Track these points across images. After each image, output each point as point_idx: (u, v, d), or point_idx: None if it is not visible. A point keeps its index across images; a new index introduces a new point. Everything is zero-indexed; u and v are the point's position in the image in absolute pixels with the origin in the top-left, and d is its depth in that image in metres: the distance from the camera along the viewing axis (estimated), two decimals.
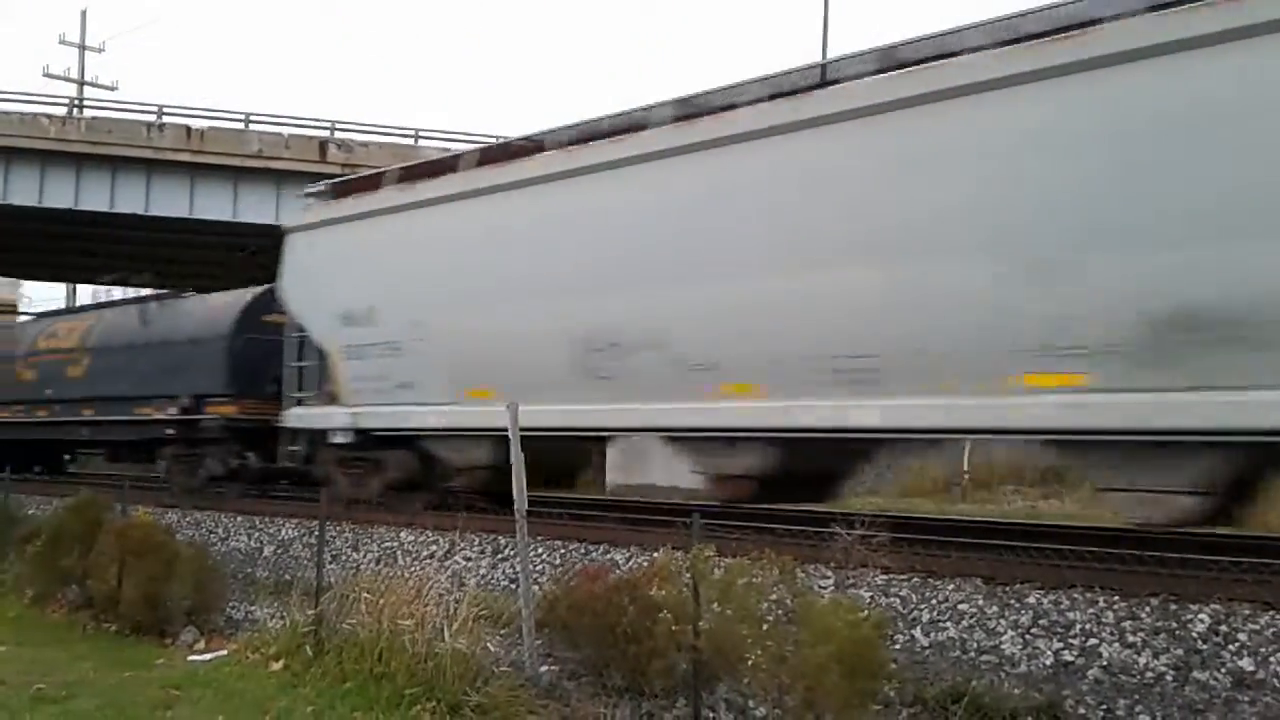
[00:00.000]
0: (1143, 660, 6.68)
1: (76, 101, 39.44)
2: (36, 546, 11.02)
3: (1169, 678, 6.52)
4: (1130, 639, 6.83)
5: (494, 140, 31.85)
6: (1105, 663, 6.76)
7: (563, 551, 10.13)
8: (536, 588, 8.07)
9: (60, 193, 31.38)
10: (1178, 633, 6.76)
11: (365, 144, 31.95)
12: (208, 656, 8.67)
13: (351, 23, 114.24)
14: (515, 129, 50.93)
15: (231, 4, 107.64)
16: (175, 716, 6.91)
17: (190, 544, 11.00)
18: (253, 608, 10.17)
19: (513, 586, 9.16)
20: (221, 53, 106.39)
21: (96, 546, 10.10)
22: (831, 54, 26.12)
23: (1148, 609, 7.00)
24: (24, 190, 31.34)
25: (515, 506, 7.45)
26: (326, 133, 32.38)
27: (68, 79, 43.87)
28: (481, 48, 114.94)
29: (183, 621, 9.53)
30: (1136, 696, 6.41)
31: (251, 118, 32.93)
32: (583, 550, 10.08)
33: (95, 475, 22.00)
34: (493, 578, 10.07)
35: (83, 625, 10.04)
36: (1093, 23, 7.71)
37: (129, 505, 11.10)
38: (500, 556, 10.47)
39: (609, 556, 9.66)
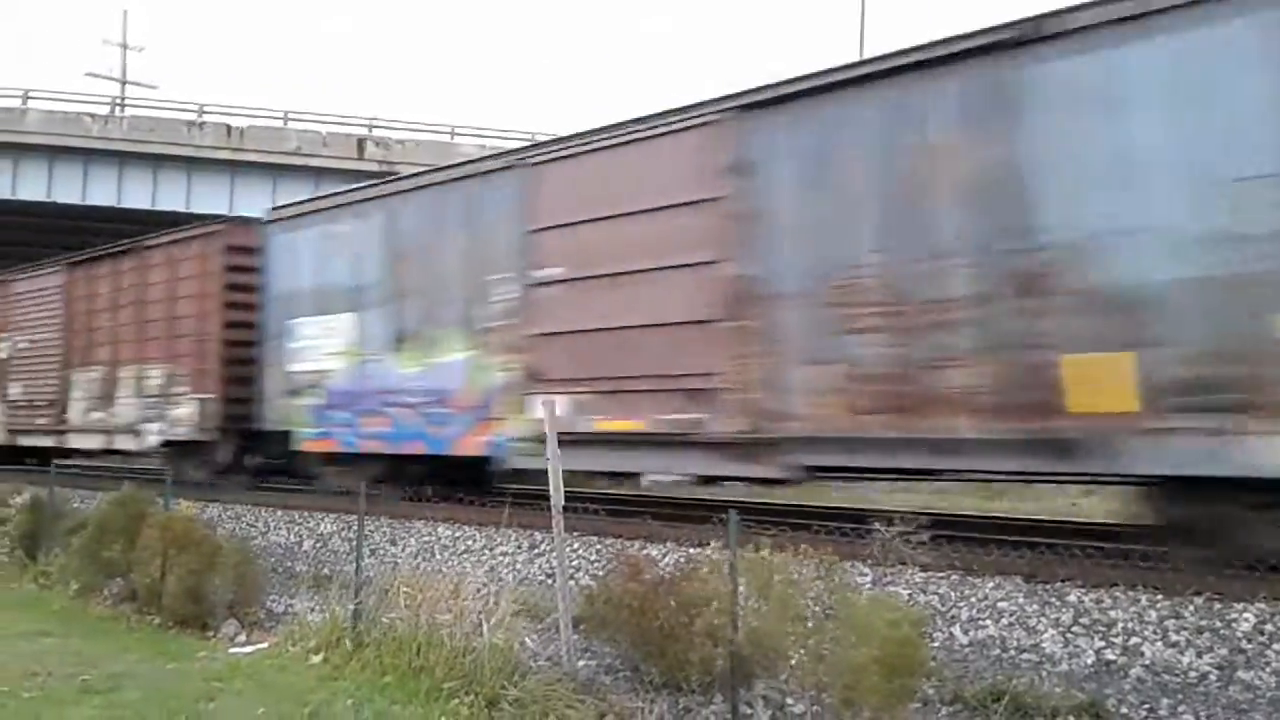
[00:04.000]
0: (1186, 659, 6.61)
1: (118, 100, 39.95)
2: (81, 540, 11.18)
3: (1213, 677, 6.44)
4: (1173, 638, 6.76)
5: (528, 137, 32.07)
6: (1148, 662, 6.69)
7: (599, 547, 10.15)
8: (573, 583, 8.09)
9: (103, 190, 31.88)
10: (1222, 632, 6.68)
11: (402, 141, 32.22)
12: (249, 649, 8.76)
13: (389, 19, 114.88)
14: (551, 125, 51.11)
15: (269, 2, 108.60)
16: (218, 708, 6.98)
17: (231, 538, 11.10)
18: (293, 601, 10.26)
19: (549, 582, 9.19)
20: (260, 50, 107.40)
21: (140, 540, 10.21)
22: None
23: (1191, 608, 6.93)
24: (68, 188, 31.86)
25: (552, 502, 7.48)
26: (364, 130, 32.70)
27: (110, 78, 44.54)
28: (518, 42, 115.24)
29: (224, 614, 9.62)
30: (1180, 696, 6.34)
31: (290, 115, 33.34)
32: (619, 546, 10.09)
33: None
34: (529, 573, 10.11)
35: (127, 618, 10.15)
36: None
37: (171, 499, 11.22)
38: (536, 552, 10.50)
39: (645, 552, 9.66)
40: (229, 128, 32.08)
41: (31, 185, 31.71)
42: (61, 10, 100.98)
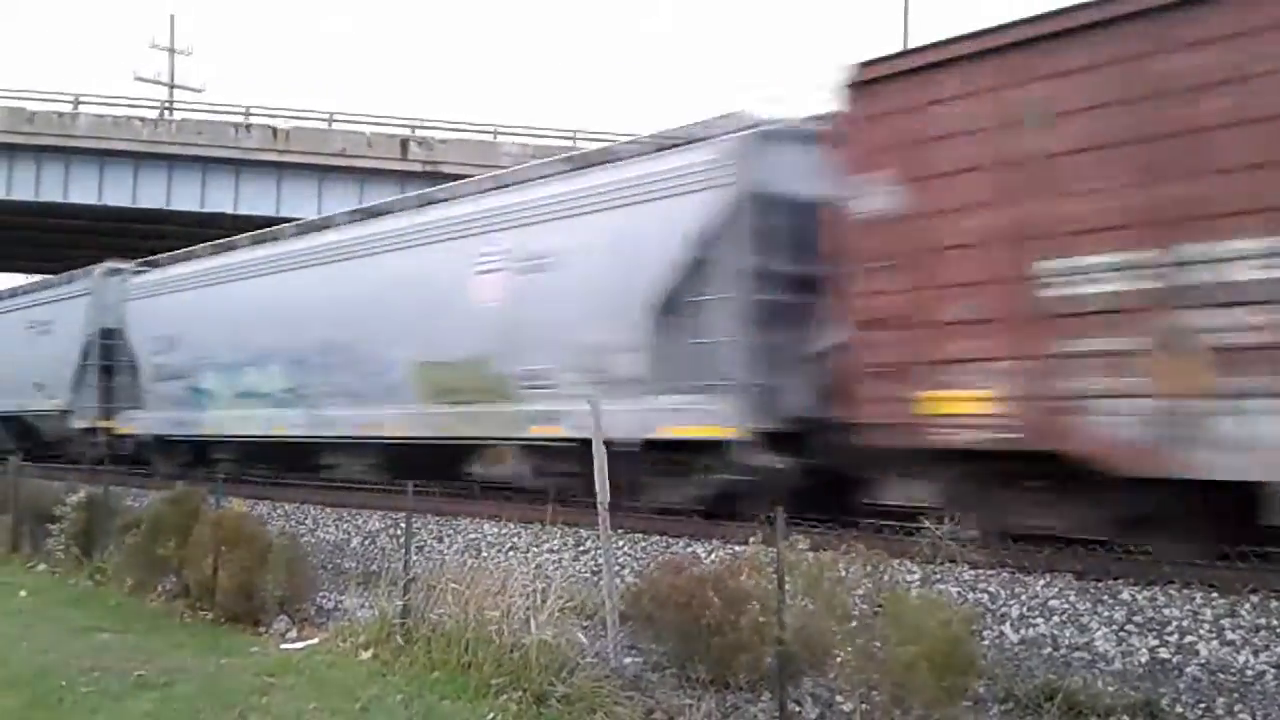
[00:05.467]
0: (1242, 658, 6.50)
1: (167, 104, 40.50)
2: (135, 537, 11.34)
3: (1270, 676, 6.33)
4: (1229, 636, 6.66)
5: (570, 135, 32.07)
6: (1203, 661, 6.59)
7: (644, 544, 10.15)
8: (619, 580, 8.10)
9: (153, 193, 32.33)
10: (1279, 630, 6.57)
11: (445, 141, 32.37)
12: (300, 645, 8.84)
13: (432, 18, 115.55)
14: (592, 123, 51.28)
15: (310, 3, 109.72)
16: (270, 703, 7.06)
17: (281, 534, 11.21)
18: (342, 597, 10.35)
19: (595, 579, 9.20)
20: (303, 51, 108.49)
21: (192, 537, 10.33)
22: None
23: (1247, 606, 6.81)
24: (118, 191, 32.36)
25: (598, 499, 7.49)
26: (408, 131, 32.86)
27: (158, 82, 45.16)
28: (560, 42, 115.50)
29: (275, 610, 9.71)
30: (1236, 695, 6.24)
31: (335, 117, 33.60)
32: (664, 544, 10.10)
33: None
34: (575, 570, 10.12)
35: (180, 613, 10.28)
36: None
37: (223, 497, 11.36)
38: (582, 549, 10.52)
39: (690, 550, 9.66)
40: (275, 129, 32.43)
41: (83, 188, 32.27)
42: (110, 16, 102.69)
